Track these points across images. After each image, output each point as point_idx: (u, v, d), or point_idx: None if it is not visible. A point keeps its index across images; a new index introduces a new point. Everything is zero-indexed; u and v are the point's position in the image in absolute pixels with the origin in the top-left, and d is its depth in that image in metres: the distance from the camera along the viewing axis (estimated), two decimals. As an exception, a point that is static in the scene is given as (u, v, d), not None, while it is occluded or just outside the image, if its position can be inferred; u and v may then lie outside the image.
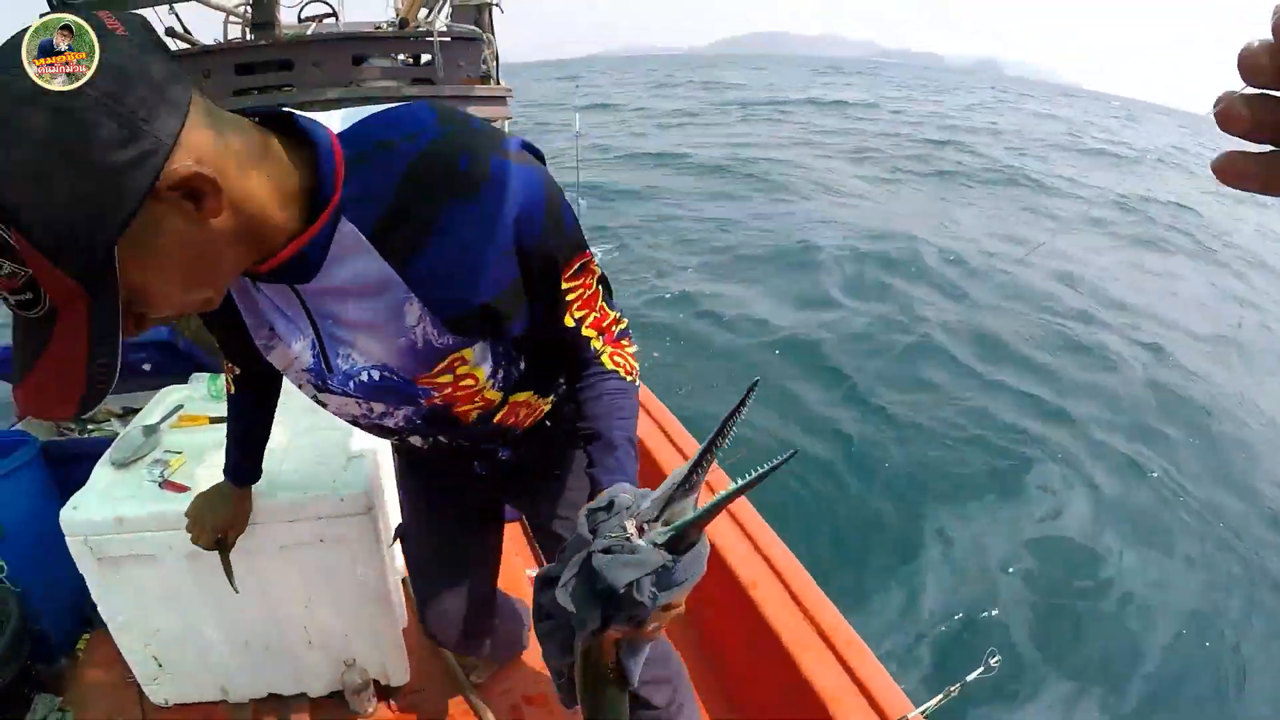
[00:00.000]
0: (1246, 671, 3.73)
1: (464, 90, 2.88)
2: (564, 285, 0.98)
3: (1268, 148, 0.30)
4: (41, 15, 0.70)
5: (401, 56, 3.03)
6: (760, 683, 1.97)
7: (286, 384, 1.22)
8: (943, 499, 4.91)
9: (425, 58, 2.95)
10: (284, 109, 0.83)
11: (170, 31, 3.61)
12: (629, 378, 1.07)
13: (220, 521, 1.53)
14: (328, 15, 4.79)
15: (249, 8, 2.95)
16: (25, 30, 0.64)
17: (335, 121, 0.87)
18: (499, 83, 3.25)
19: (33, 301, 0.67)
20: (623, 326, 1.11)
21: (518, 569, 2.43)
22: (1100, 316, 8.36)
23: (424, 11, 3.11)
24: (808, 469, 5.05)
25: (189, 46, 3.11)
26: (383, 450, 1.88)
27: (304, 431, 1.91)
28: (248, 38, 2.98)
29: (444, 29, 2.99)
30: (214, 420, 2.10)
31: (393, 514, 1.87)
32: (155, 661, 1.91)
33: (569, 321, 1.01)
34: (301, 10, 4.97)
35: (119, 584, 1.78)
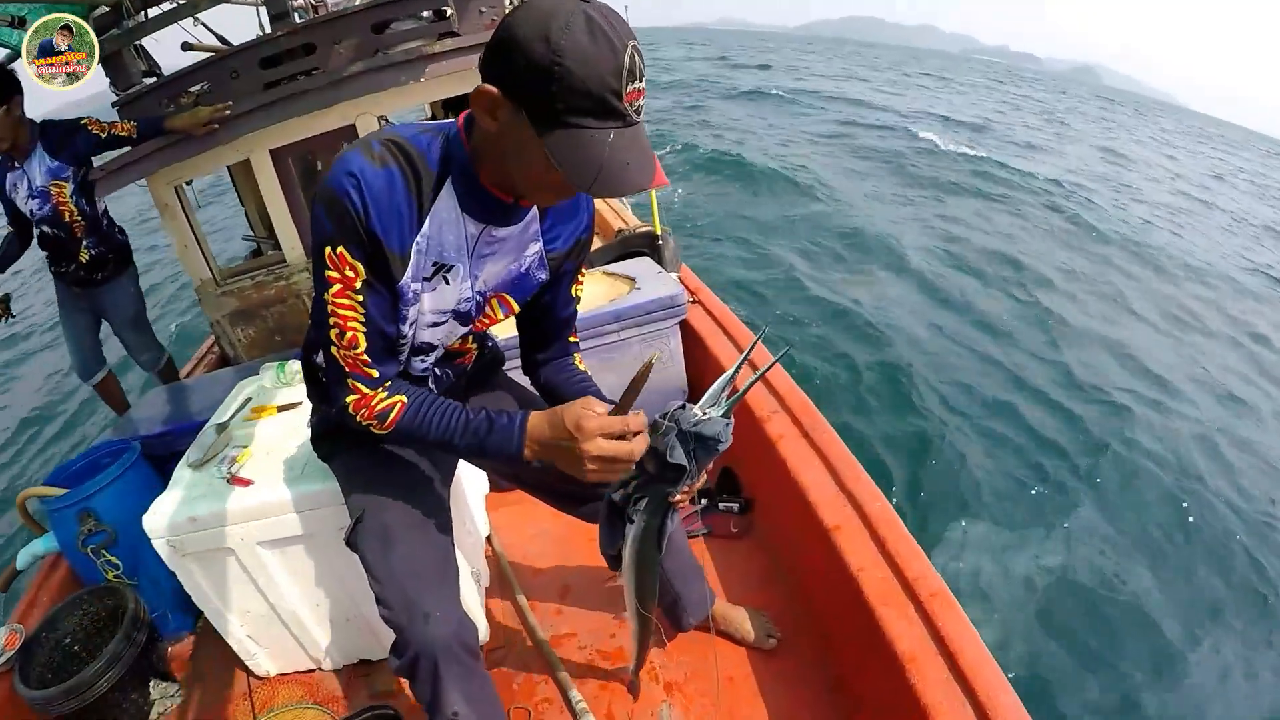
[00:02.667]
0: None
1: (485, 37, 2.79)
2: (582, 270, 1.53)
3: None
4: None
5: (426, 13, 2.97)
6: (842, 635, 1.92)
7: None
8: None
9: (449, 10, 2.88)
10: None
11: (186, 46, 3.69)
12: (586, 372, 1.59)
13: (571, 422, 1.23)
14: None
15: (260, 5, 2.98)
16: None
17: None
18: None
19: (642, 107, 1.03)
20: None
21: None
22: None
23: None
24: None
25: (212, 53, 3.19)
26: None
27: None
28: (266, 31, 3.02)
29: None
30: (282, 408, 2.20)
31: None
32: (251, 640, 2.07)
33: (576, 293, 1.54)
34: (342, -20, 4.97)
35: (204, 575, 1.93)
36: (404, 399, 1.31)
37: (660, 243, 3.11)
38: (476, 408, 1.32)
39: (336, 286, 1.20)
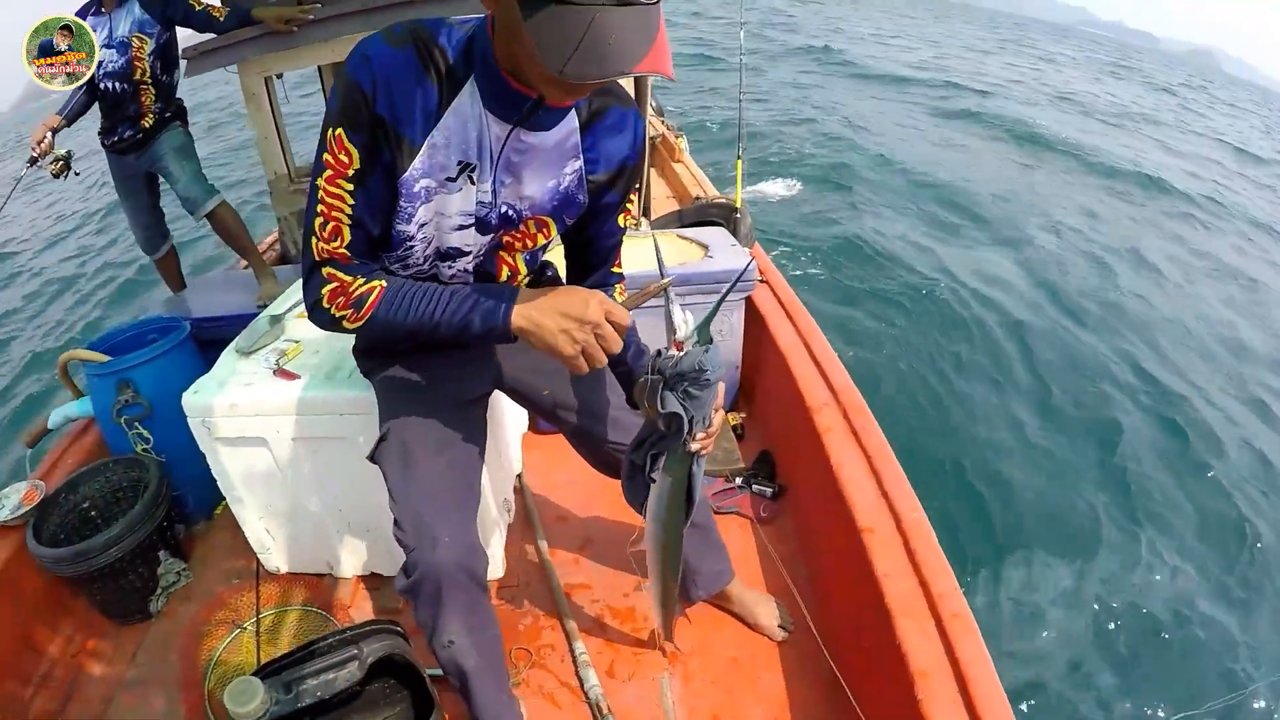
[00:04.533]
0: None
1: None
2: (630, 197, 1.40)
3: None
4: None
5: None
6: (854, 638, 1.87)
7: None
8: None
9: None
10: None
11: None
12: None
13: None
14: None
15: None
16: None
17: None
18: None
19: None
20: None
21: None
22: None
23: None
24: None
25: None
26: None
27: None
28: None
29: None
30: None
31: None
32: (268, 533, 2.08)
33: (622, 222, 1.43)
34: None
35: (233, 462, 1.93)
36: (384, 283, 1.23)
37: (738, 216, 3.07)
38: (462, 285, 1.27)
39: (329, 172, 1.15)
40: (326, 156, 1.15)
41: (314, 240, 1.21)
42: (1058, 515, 4.23)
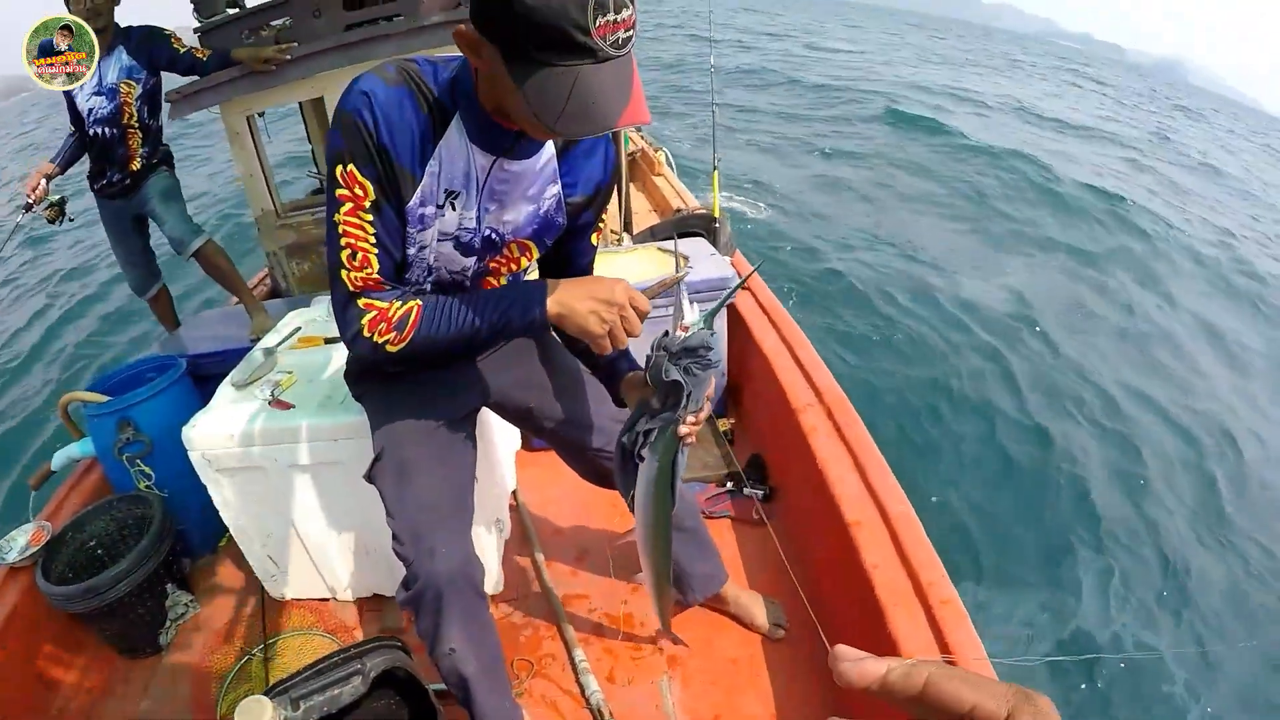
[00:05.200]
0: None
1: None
2: (602, 219, 1.50)
3: None
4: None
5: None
6: (848, 630, 1.90)
7: None
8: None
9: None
10: None
11: None
12: None
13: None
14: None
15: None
16: None
17: None
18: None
19: (628, 40, 0.99)
20: None
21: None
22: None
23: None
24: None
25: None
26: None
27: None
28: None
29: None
30: (328, 341, 2.25)
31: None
32: (271, 561, 2.12)
33: (594, 240, 1.52)
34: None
35: (234, 492, 1.98)
36: (419, 302, 1.29)
37: (716, 225, 3.14)
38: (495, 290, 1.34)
39: (348, 205, 1.21)
40: (341, 192, 1.20)
41: (344, 273, 1.26)
42: (1023, 541, 4.26)
